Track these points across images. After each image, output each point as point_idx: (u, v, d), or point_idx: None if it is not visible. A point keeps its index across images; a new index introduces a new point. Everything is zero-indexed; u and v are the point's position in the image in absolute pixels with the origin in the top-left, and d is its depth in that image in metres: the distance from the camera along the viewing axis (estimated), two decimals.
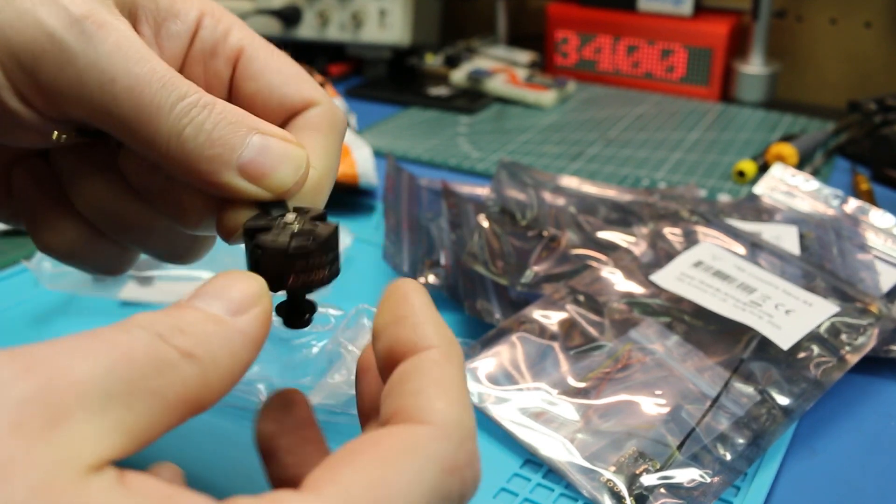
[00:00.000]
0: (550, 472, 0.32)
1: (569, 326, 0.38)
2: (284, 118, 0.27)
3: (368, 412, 0.23)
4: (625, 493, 0.30)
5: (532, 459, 0.33)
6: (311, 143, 0.26)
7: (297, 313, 0.24)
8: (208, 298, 0.19)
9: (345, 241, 0.47)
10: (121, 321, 0.18)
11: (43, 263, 0.42)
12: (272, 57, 0.27)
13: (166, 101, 0.22)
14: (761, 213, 0.50)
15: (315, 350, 0.36)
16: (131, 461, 0.16)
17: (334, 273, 0.23)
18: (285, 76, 0.27)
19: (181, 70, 0.27)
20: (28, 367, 0.16)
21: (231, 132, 0.23)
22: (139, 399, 0.16)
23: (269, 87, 0.27)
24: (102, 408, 0.16)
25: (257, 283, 0.20)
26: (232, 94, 0.27)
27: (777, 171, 0.54)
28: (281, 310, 0.23)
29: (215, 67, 0.27)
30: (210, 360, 0.18)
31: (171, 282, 0.44)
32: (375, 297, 0.49)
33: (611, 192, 0.53)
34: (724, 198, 0.55)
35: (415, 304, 0.21)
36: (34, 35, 0.22)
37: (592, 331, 0.38)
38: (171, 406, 0.17)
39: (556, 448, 0.32)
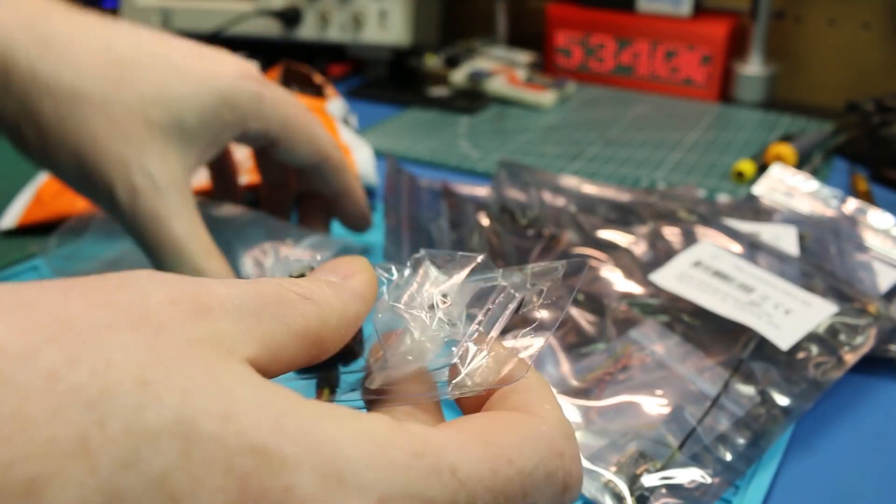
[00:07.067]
0: None
1: (569, 326, 0.38)
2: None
3: None
4: (626, 493, 0.30)
5: None
6: None
7: None
8: (322, 272, 0.23)
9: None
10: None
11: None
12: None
13: None
14: (760, 213, 0.50)
15: None
16: None
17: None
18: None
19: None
20: (176, 281, 0.18)
21: None
22: (267, 317, 0.19)
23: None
24: (237, 316, 0.18)
25: (362, 261, 0.23)
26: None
27: (776, 172, 0.54)
28: None
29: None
30: (325, 304, 0.20)
31: None
32: None
33: (610, 192, 0.53)
34: (723, 198, 0.55)
35: None
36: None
37: (592, 330, 0.38)
38: (295, 333, 0.19)
39: None
